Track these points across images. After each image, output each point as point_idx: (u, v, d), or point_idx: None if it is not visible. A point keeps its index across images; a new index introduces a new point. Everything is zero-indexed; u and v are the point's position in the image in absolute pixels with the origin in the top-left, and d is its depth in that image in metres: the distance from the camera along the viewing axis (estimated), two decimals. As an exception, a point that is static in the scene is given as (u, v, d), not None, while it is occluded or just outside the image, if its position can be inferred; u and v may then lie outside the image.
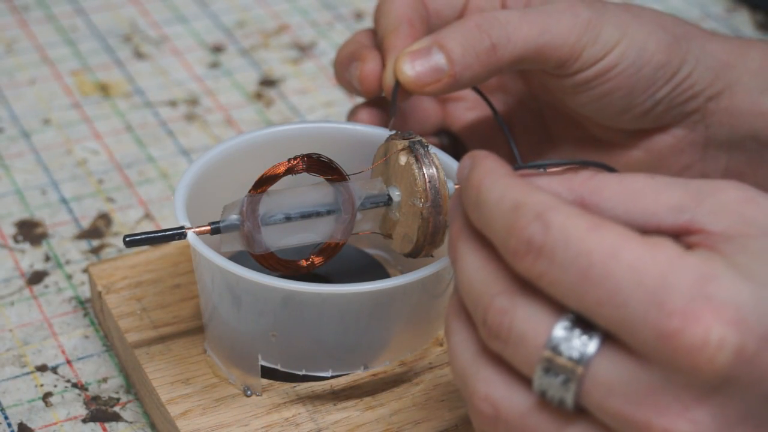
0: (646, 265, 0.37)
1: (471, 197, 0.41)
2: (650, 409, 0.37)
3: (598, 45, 0.57)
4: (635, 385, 0.37)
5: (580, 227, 0.38)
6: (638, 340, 0.37)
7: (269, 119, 0.78)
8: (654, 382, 0.37)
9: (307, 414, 0.53)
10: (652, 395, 0.37)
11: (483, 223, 0.40)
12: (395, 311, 0.52)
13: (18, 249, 0.66)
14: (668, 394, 0.37)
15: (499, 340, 0.39)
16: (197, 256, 0.52)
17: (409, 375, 0.55)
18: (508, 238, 0.39)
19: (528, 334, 0.39)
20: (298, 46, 0.86)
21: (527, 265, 0.38)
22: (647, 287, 0.36)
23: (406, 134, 0.54)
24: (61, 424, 0.56)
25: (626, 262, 0.37)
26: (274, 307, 0.51)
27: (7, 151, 0.74)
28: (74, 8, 0.88)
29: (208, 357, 0.55)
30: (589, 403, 0.38)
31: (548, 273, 0.38)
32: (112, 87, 0.80)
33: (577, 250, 0.37)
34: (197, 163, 0.55)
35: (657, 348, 0.36)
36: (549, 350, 0.38)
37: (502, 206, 0.40)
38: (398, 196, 0.54)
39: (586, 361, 0.38)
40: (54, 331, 0.61)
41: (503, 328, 0.39)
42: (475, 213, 0.41)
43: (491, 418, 0.40)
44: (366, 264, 0.61)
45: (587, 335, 0.38)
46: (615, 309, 0.37)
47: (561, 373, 0.38)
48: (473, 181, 0.41)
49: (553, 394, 0.39)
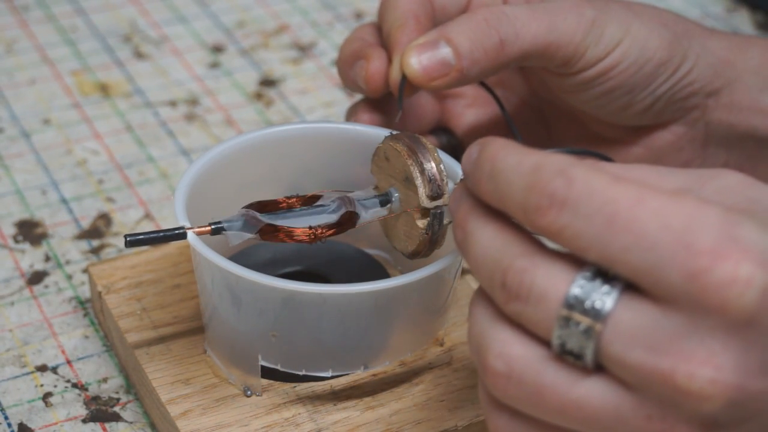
0: (672, 210, 0.37)
1: (484, 171, 0.41)
2: (674, 357, 0.37)
3: (601, 44, 0.57)
4: (658, 334, 0.37)
5: (603, 180, 0.38)
6: (665, 283, 0.37)
7: (269, 119, 0.78)
8: (678, 329, 0.37)
9: (307, 414, 0.53)
10: (675, 342, 0.37)
11: (499, 191, 0.40)
12: (395, 311, 0.52)
13: (18, 249, 0.66)
14: (692, 341, 0.37)
15: (518, 300, 0.39)
16: (197, 256, 0.52)
17: (409, 375, 0.55)
18: (529, 196, 0.39)
19: (549, 289, 0.39)
20: (298, 46, 0.86)
21: (550, 219, 0.38)
22: (674, 230, 0.37)
23: (404, 134, 0.54)
24: (61, 424, 0.56)
25: (652, 208, 0.37)
26: (274, 307, 0.51)
27: (7, 151, 0.74)
28: (74, 8, 0.88)
29: (208, 357, 0.55)
30: (609, 355, 0.38)
31: (572, 225, 0.38)
32: (112, 87, 0.80)
33: (603, 200, 0.38)
34: (197, 163, 0.55)
35: (685, 289, 0.36)
36: (570, 302, 0.38)
37: (521, 169, 0.39)
38: (398, 196, 0.54)
39: (607, 311, 0.38)
40: (54, 331, 0.61)
41: (523, 287, 0.39)
42: (490, 184, 0.41)
43: (504, 376, 0.40)
44: (366, 264, 0.61)
45: (608, 285, 0.38)
46: (641, 253, 0.37)
47: (582, 324, 0.38)
48: (486, 156, 0.41)
49: (572, 346, 0.38)
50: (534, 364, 0.39)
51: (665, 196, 0.37)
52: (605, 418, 0.39)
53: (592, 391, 0.39)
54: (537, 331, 0.39)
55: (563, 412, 0.39)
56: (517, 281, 0.39)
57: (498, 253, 0.40)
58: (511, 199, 0.40)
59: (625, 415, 0.38)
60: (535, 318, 0.39)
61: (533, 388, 0.39)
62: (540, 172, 0.39)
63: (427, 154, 0.52)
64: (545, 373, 0.39)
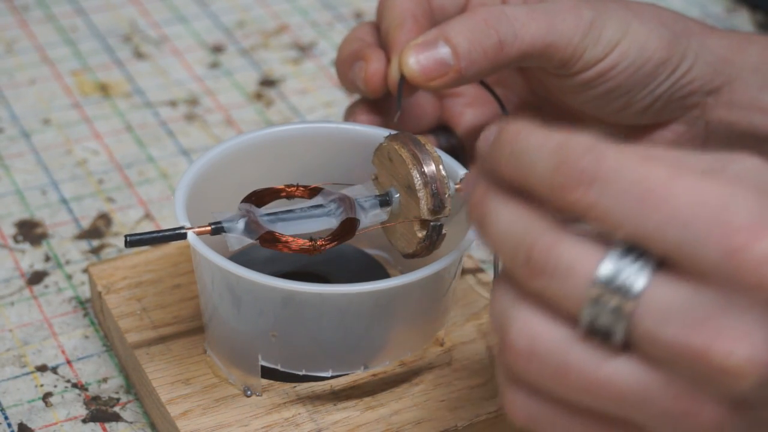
0: (708, 188, 0.36)
1: (506, 150, 0.40)
2: (709, 333, 0.36)
3: (600, 45, 0.57)
4: (692, 311, 0.36)
5: (634, 158, 0.37)
6: (701, 260, 0.36)
7: (269, 119, 0.78)
8: (712, 306, 0.36)
9: (307, 414, 0.53)
10: (710, 319, 0.36)
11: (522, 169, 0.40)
12: (395, 311, 0.52)
13: (18, 249, 0.66)
14: (728, 318, 0.36)
15: (544, 276, 0.38)
16: (197, 256, 0.52)
17: (409, 375, 0.55)
18: (556, 172, 0.38)
19: (577, 265, 0.38)
20: (298, 46, 0.86)
21: (578, 196, 0.38)
22: (711, 206, 0.36)
23: (407, 136, 0.54)
24: (61, 424, 0.56)
25: (687, 185, 0.37)
26: (274, 307, 0.51)
27: (7, 151, 0.74)
28: (74, 8, 0.88)
29: (208, 357, 0.55)
30: (640, 333, 0.37)
31: (602, 202, 0.37)
32: (112, 87, 0.80)
33: (636, 176, 0.37)
34: (197, 163, 0.55)
35: (721, 266, 0.36)
36: (601, 279, 0.37)
37: (547, 147, 0.39)
38: (398, 197, 0.54)
39: (640, 288, 0.37)
40: (54, 331, 0.61)
41: (550, 263, 0.38)
42: (512, 162, 0.40)
43: (525, 353, 0.39)
44: (366, 264, 0.60)
45: (640, 262, 0.37)
46: (677, 229, 0.36)
47: (613, 301, 0.37)
48: (508, 135, 0.40)
49: (602, 324, 0.38)
50: (558, 342, 0.39)
51: (699, 175, 0.37)
52: (632, 398, 0.38)
53: (619, 370, 0.38)
54: (563, 308, 0.39)
55: (587, 391, 0.38)
56: (543, 257, 0.38)
57: (522, 229, 0.39)
58: (536, 177, 0.39)
59: (653, 395, 0.38)
60: (561, 294, 0.38)
61: (557, 366, 0.39)
62: (567, 149, 0.38)
63: (431, 163, 0.52)
64: (570, 351, 0.38)
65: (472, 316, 0.58)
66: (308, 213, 0.53)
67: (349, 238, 0.53)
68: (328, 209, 0.54)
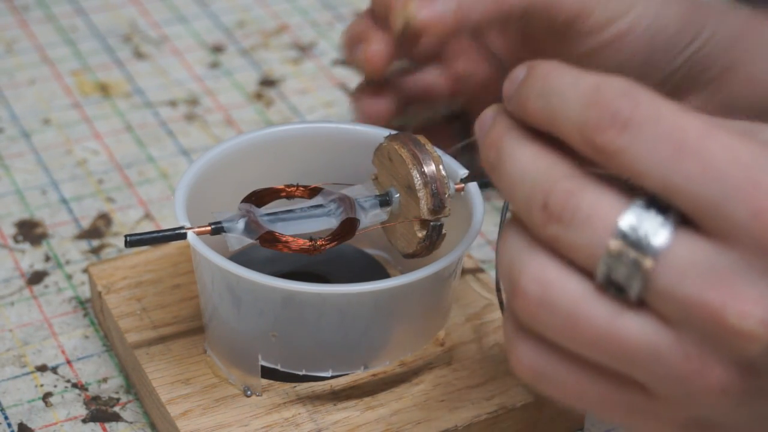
0: (742, 147, 0.36)
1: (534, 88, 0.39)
2: (726, 293, 0.35)
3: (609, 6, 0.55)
4: (712, 269, 0.36)
5: (671, 107, 0.37)
6: (727, 218, 0.35)
7: (269, 119, 0.78)
8: (732, 267, 0.36)
9: (307, 414, 0.53)
10: (729, 279, 0.36)
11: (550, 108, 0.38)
12: (395, 311, 0.52)
13: (18, 249, 0.66)
14: (747, 279, 0.36)
15: (560, 223, 0.37)
16: (197, 256, 0.52)
17: (409, 375, 0.55)
18: (588, 112, 0.37)
19: (597, 214, 0.37)
20: (298, 46, 0.86)
21: (609, 137, 0.36)
22: (744, 165, 0.35)
23: (404, 134, 0.54)
24: (61, 424, 0.56)
25: (722, 140, 0.36)
26: (274, 307, 0.51)
27: (7, 151, 0.74)
28: (74, 8, 0.88)
29: (208, 357, 0.55)
30: (657, 289, 0.36)
31: (633, 146, 0.36)
32: (112, 87, 0.80)
33: (671, 125, 0.36)
34: (197, 163, 0.55)
35: (747, 226, 0.35)
36: (622, 231, 0.36)
37: (580, 86, 0.38)
38: (398, 197, 0.54)
39: (661, 244, 0.36)
40: (54, 331, 0.61)
41: (567, 209, 0.37)
42: (540, 101, 0.38)
43: (536, 300, 0.38)
44: (366, 264, 0.60)
45: (663, 217, 0.36)
46: (707, 184, 0.35)
47: (632, 254, 0.36)
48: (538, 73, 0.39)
49: (618, 278, 0.37)
50: (571, 291, 0.37)
51: (734, 133, 0.36)
52: (641, 354, 0.37)
53: (632, 326, 0.37)
54: (578, 258, 0.37)
55: (597, 345, 0.38)
56: (560, 203, 0.37)
57: (540, 172, 0.38)
58: (565, 116, 0.38)
59: (663, 352, 0.37)
60: (577, 244, 0.37)
61: (568, 315, 0.38)
62: (601, 91, 0.37)
63: (431, 162, 0.52)
64: (582, 302, 0.37)
65: (472, 316, 0.58)
66: (308, 213, 0.53)
67: (349, 238, 0.53)
68: (328, 209, 0.54)
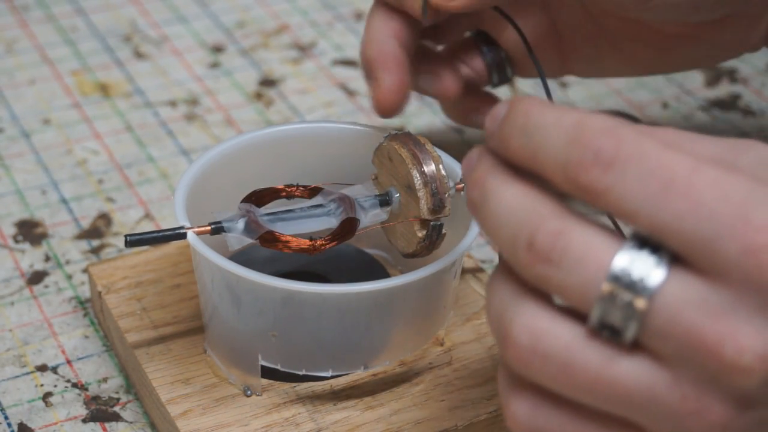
0: (730, 182, 0.35)
1: (516, 126, 0.38)
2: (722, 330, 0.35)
3: None
4: (706, 308, 0.35)
5: (655, 143, 0.36)
6: (719, 256, 0.35)
7: (269, 119, 0.78)
8: (726, 304, 0.35)
9: (307, 414, 0.53)
10: (723, 317, 0.35)
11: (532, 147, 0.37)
12: (395, 311, 0.52)
13: (18, 249, 0.66)
14: (741, 316, 0.35)
15: (549, 264, 0.36)
16: (197, 256, 0.52)
17: (409, 375, 0.55)
18: (571, 150, 0.36)
19: (588, 256, 0.36)
20: (298, 46, 0.86)
21: (593, 177, 0.36)
22: (733, 202, 0.35)
23: (404, 134, 0.54)
24: (61, 424, 0.56)
25: (710, 177, 0.35)
26: (274, 307, 0.51)
27: (7, 151, 0.74)
28: (74, 8, 0.88)
29: (208, 357, 0.55)
30: (652, 329, 0.36)
31: (618, 186, 0.36)
32: (112, 87, 0.80)
33: (656, 163, 0.35)
34: (197, 163, 0.55)
35: (740, 264, 0.35)
36: (615, 273, 0.36)
37: (562, 124, 0.37)
38: (398, 197, 0.54)
39: (657, 284, 0.36)
40: (54, 331, 0.61)
41: (556, 250, 0.36)
42: (522, 139, 0.38)
43: (528, 351, 0.37)
44: (366, 264, 0.60)
45: (656, 256, 0.36)
46: (697, 222, 0.35)
47: (627, 296, 0.36)
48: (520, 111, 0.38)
49: (613, 321, 0.36)
50: (563, 339, 0.37)
51: (720, 168, 0.36)
52: (638, 397, 0.37)
53: (627, 369, 0.37)
54: (568, 299, 0.37)
55: (593, 391, 0.37)
56: (548, 242, 0.36)
57: (525, 211, 0.37)
58: (547, 155, 0.37)
59: (659, 394, 0.37)
60: (568, 285, 0.36)
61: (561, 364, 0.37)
62: (584, 128, 0.36)
63: (430, 162, 0.52)
64: (575, 349, 0.37)
65: (472, 316, 0.58)
66: (308, 213, 0.53)
67: (349, 237, 0.53)
68: (328, 209, 0.54)
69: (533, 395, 0.39)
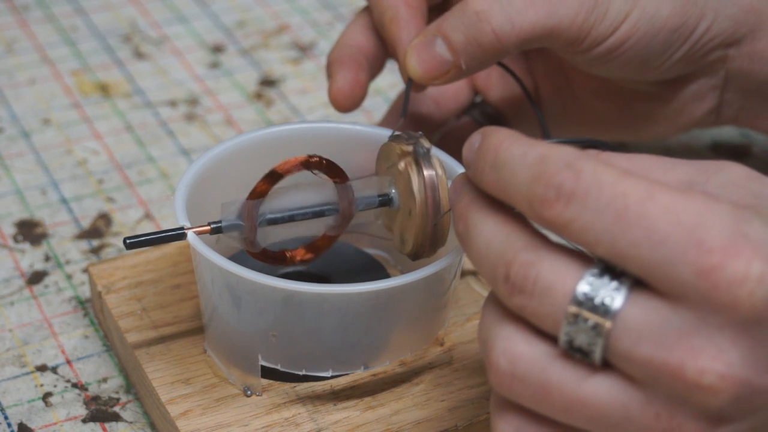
0: (683, 206, 0.37)
1: (488, 160, 0.40)
2: (684, 352, 0.37)
3: (606, 21, 0.55)
4: (667, 330, 0.37)
5: (612, 174, 0.38)
6: (675, 280, 0.36)
7: (269, 119, 0.78)
8: (687, 325, 0.37)
9: (307, 414, 0.53)
10: (685, 338, 0.37)
11: (503, 182, 0.40)
12: (395, 311, 0.52)
13: (18, 249, 0.66)
14: (701, 337, 0.36)
15: (523, 294, 0.39)
16: (197, 256, 0.52)
17: (409, 375, 0.55)
18: (534, 187, 0.38)
19: (555, 284, 0.38)
20: (298, 46, 0.86)
21: (556, 211, 0.38)
22: (685, 226, 0.36)
23: (408, 134, 0.53)
24: (61, 424, 0.56)
25: (663, 203, 0.37)
26: (274, 307, 0.51)
27: (7, 151, 0.74)
28: (74, 8, 0.88)
29: (208, 357, 0.55)
30: (618, 352, 0.38)
31: (579, 218, 0.37)
32: (112, 87, 0.80)
33: (612, 194, 0.37)
34: (197, 163, 0.55)
35: (695, 285, 0.36)
36: (578, 299, 0.38)
37: (527, 160, 0.39)
38: (398, 197, 0.54)
39: (617, 308, 0.37)
40: (54, 331, 0.61)
41: (528, 281, 0.39)
42: (493, 174, 0.40)
43: (508, 374, 0.39)
44: (366, 264, 0.61)
45: (617, 282, 0.38)
46: (652, 249, 0.37)
47: (590, 320, 0.38)
48: (490, 145, 0.40)
49: (581, 343, 0.38)
50: (538, 362, 0.39)
51: (675, 192, 0.37)
52: (613, 416, 0.38)
53: (600, 389, 0.38)
54: (542, 326, 0.39)
55: (570, 411, 0.39)
56: (521, 274, 0.39)
57: (501, 245, 0.40)
58: (515, 190, 0.39)
59: (633, 413, 0.38)
60: (540, 312, 0.39)
61: (538, 386, 0.39)
62: (546, 164, 0.38)
63: (427, 157, 0.52)
64: (550, 371, 0.39)
65: (472, 316, 0.58)
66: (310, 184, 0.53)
67: (327, 247, 0.53)
68: (328, 208, 0.53)
69: (518, 416, 0.41)
